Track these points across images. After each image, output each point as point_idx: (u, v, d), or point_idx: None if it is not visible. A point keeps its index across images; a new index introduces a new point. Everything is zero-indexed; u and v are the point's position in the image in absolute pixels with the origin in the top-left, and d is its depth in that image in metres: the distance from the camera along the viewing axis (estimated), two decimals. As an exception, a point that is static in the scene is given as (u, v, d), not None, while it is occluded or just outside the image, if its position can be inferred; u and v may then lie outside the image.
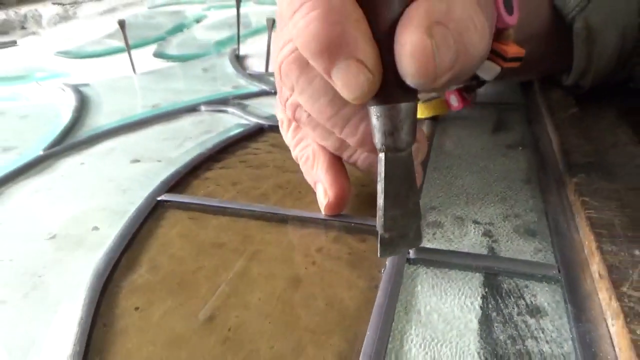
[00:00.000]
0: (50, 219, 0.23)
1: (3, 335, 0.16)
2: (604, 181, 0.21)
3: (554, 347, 0.15)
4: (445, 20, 0.14)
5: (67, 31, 0.66)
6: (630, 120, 0.30)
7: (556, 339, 0.15)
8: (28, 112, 0.36)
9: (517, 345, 0.15)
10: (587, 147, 0.24)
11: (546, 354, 0.15)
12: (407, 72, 0.14)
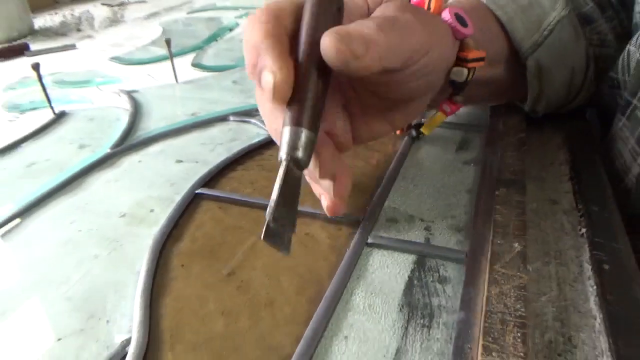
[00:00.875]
0: (120, 202, 0.32)
1: (99, 277, 0.25)
2: (517, 194, 0.28)
3: (448, 301, 0.23)
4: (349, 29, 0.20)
5: (117, 35, 0.76)
6: (573, 142, 0.38)
7: (451, 297, 0.23)
8: (94, 115, 0.45)
9: (425, 300, 0.23)
10: (517, 167, 0.31)
11: (441, 305, 0.23)
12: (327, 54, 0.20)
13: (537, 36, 0.33)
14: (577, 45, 0.35)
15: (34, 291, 0.25)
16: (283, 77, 0.20)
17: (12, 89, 0.54)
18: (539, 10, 0.33)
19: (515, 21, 0.33)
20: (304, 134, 0.20)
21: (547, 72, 0.34)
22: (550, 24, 0.33)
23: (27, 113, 0.47)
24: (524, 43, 0.33)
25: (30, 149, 0.39)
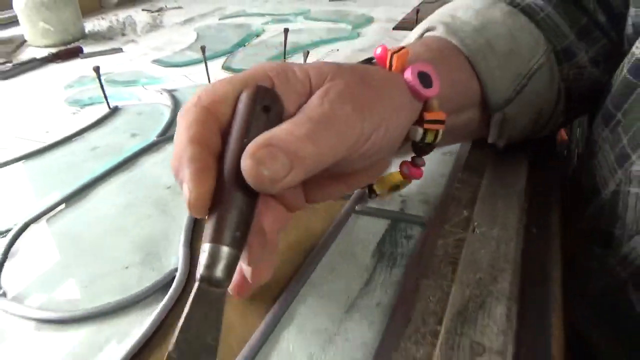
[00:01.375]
0: (166, 179, 0.40)
1: (152, 229, 0.34)
2: (476, 177, 0.36)
3: (410, 251, 0.31)
4: (273, 142, 0.19)
5: (157, 39, 0.86)
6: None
7: (412, 249, 0.31)
8: (142, 110, 0.55)
9: (392, 250, 0.31)
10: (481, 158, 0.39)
11: (404, 253, 0.30)
12: (247, 179, 0.19)
13: (511, 91, 0.32)
14: (550, 91, 0.35)
15: (107, 237, 0.33)
16: (198, 195, 0.19)
17: (70, 87, 0.64)
18: (519, 58, 0.33)
19: (493, 78, 0.32)
20: (224, 252, 0.19)
21: (510, 122, 0.34)
22: (527, 74, 0.33)
23: (86, 108, 0.57)
24: (497, 100, 0.32)
25: (93, 137, 0.49)
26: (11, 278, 0.30)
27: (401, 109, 0.24)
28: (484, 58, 0.32)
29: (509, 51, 0.32)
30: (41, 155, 0.45)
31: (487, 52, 0.32)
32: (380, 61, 0.27)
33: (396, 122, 0.24)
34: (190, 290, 0.28)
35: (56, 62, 0.75)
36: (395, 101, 0.24)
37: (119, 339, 0.25)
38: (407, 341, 0.23)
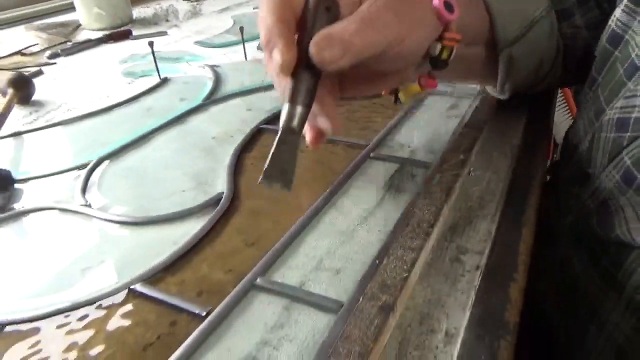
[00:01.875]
0: (211, 131, 0.48)
1: (202, 166, 0.41)
2: (475, 132, 0.42)
3: (414, 186, 0.37)
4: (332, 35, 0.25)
5: (197, 25, 0.94)
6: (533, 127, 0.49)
7: (416, 184, 0.37)
8: (188, 80, 0.62)
9: (399, 184, 0.37)
10: (481, 118, 0.45)
11: (408, 186, 0.37)
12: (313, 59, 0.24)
13: (517, 32, 0.38)
14: (549, 41, 0.40)
15: (167, 170, 0.41)
16: (288, 58, 0.24)
17: (124, 62, 0.72)
18: (524, 7, 0.39)
19: (503, 15, 0.37)
20: (297, 110, 0.25)
21: (516, 63, 0.39)
22: (530, 22, 0.38)
23: (140, 79, 0.65)
24: (505, 37, 0.37)
25: (147, 100, 0.57)
26: (93, 195, 0.38)
27: (427, 25, 0.30)
28: (499, 2, 0.37)
29: (517, 0, 0.38)
30: (106, 112, 0.53)
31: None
32: None
33: (422, 33, 0.30)
34: (233, 208, 0.35)
35: (109, 42, 0.84)
36: (424, 18, 0.30)
37: (177, 240, 0.33)
38: (405, 237, 0.30)
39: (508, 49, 0.38)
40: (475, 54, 0.39)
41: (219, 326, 0.25)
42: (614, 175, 0.34)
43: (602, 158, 0.35)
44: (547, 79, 0.44)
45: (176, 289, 0.28)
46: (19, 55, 0.78)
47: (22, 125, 0.52)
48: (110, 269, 0.30)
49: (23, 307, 0.27)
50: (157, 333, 0.25)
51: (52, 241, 0.33)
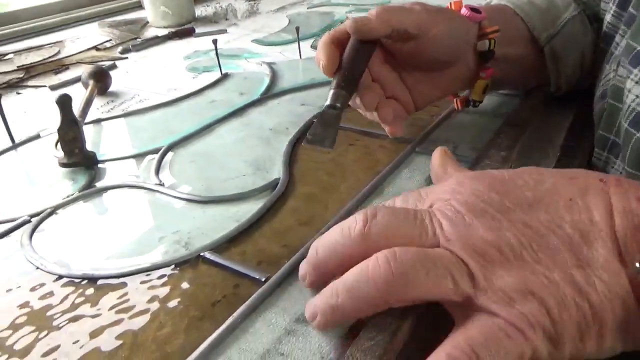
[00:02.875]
0: (268, 123, 0.52)
1: (260, 154, 0.45)
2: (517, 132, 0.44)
3: (455, 179, 0.40)
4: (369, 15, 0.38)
5: (255, 23, 0.99)
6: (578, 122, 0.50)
7: (457, 177, 0.40)
8: (247, 76, 0.67)
9: (441, 177, 0.40)
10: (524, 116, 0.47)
11: (450, 180, 0.40)
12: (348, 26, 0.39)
13: (552, 30, 0.45)
14: (585, 36, 0.46)
15: (229, 157, 0.46)
16: (326, 64, 0.39)
17: (188, 58, 0.78)
18: (555, 11, 0.46)
19: (534, 20, 0.45)
20: (340, 93, 0.37)
21: (561, 56, 0.46)
22: (562, 21, 0.45)
23: (203, 74, 0.70)
24: (541, 35, 0.44)
25: (210, 93, 0.62)
26: (165, 176, 0.43)
27: (454, 20, 0.40)
28: (525, 7, 0.45)
29: (545, 6, 0.45)
30: (174, 104, 0.59)
31: (527, 5, 0.45)
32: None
33: (453, 26, 0.39)
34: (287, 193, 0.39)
35: (174, 39, 0.90)
36: (451, 16, 0.40)
37: (239, 218, 0.37)
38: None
39: (548, 44, 0.45)
40: (520, 54, 0.45)
41: (275, 290, 0.29)
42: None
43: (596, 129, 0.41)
44: (591, 74, 0.47)
45: (239, 258, 0.32)
46: (94, 50, 0.85)
47: (101, 113, 0.58)
48: (182, 239, 0.34)
49: (111, 266, 0.32)
50: (223, 293, 0.29)
51: (131, 213, 0.38)
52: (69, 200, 0.40)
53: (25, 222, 0.37)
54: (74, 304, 0.29)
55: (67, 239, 0.36)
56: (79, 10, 1.12)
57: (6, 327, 0.28)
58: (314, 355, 0.25)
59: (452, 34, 0.40)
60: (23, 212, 0.38)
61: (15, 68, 0.76)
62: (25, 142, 0.51)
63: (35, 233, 0.36)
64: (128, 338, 0.27)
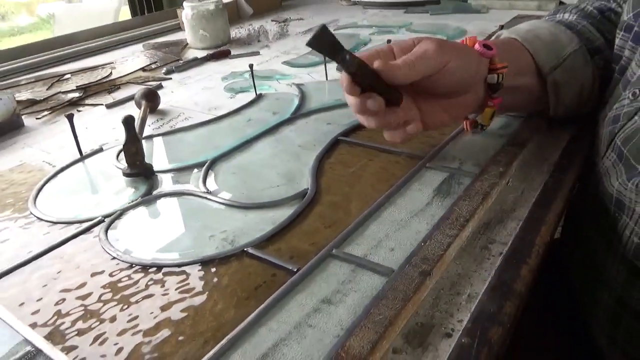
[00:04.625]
0: (298, 140, 0.59)
1: (291, 167, 0.53)
2: (516, 148, 0.50)
3: (459, 190, 0.46)
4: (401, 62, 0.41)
5: (285, 45, 1.07)
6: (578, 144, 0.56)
7: (461, 189, 0.46)
8: (279, 97, 0.75)
9: (447, 189, 0.47)
10: (525, 137, 0.53)
11: (455, 191, 0.46)
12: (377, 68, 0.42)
13: (555, 62, 0.50)
14: (585, 69, 0.52)
15: (264, 169, 0.53)
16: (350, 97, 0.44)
17: (225, 79, 0.87)
18: (558, 45, 0.51)
19: (540, 52, 0.50)
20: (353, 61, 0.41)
21: (562, 87, 0.51)
22: (565, 54, 0.51)
23: (239, 94, 0.78)
24: (545, 67, 0.50)
25: (247, 112, 0.70)
26: (211, 185, 0.51)
27: (467, 56, 0.45)
28: (532, 41, 0.50)
29: (550, 41, 0.51)
30: (215, 122, 0.67)
31: (534, 39, 0.51)
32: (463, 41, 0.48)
33: (465, 62, 0.44)
34: (315, 201, 0.46)
35: (212, 60, 0.99)
36: (465, 52, 0.45)
37: (274, 220, 0.44)
38: (445, 227, 0.39)
39: (551, 75, 0.50)
40: (526, 84, 0.51)
41: (305, 278, 0.36)
42: (612, 156, 0.46)
43: (602, 148, 0.47)
44: (589, 102, 0.54)
45: (275, 253, 0.40)
46: (141, 71, 0.95)
47: (152, 130, 0.67)
48: (228, 237, 0.42)
49: (172, 258, 0.40)
50: (263, 279, 0.37)
51: (185, 216, 0.46)
52: (134, 204, 0.48)
53: (100, 221, 0.45)
54: (146, 286, 0.37)
55: (134, 236, 0.44)
56: (125, 33, 1.23)
57: (95, 301, 0.36)
58: (335, 326, 0.32)
59: (466, 68, 0.44)
60: (97, 213, 0.47)
61: (74, 87, 0.86)
62: (90, 154, 0.60)
63: (109, 230, 0.44)
64: (191, 311, 0.34)
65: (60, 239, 0.43)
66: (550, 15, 0.61)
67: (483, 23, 1.13)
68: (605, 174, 0.47)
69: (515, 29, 0.53)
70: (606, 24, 0.56)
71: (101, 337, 0.33)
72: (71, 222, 0.46)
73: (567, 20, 0.56)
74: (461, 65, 0.44)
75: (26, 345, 0.33)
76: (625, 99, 0.46)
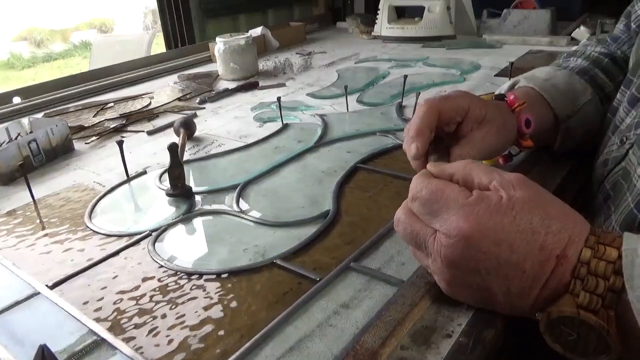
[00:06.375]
0: (321, 167, 0.66)
1: (315, 191, 0.59)
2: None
3: (464, 215, 0.52)
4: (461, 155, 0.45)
5: (309, 77, 1.15)
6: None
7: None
8: (303, 127, 0.82)
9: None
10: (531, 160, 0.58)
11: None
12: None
13: (570, 111, 0.55)
14: (595, 117, 0.57)
15: (291, 192, 0.59)
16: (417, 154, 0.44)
17: (254, 109, 0.94)
18: (573, 94, 0.56)
19: (557, 101, 0.55)
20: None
21: (572, 131, 0.56)
22: (579, 104, 0.56)
23: (267, 123, 0.86)
24: (562, 114, 0.54)
25: (274, 141, 0.77)
26: (243, 205, 0.57)
27: (510, 140, 0.50)
28: (551, 92, 0.55)
29: (566, 90, 0.55)
30: (247, 149, 0.74)
31: (552, 89, 0.55)
32: (510, 103, 0.50)
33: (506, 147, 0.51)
34: (336, 221, 0.51)
35: (241, 91, 1.07)
36: (510, 136, 0.49)
37: (300, 237, 0.50)
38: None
39: (565, 123, 0.55)
40: (544, 137, 0.56)
41: (327, 286, 0.42)
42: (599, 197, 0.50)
43: (594, 188, 0.52)
44: (594, 141, 0.58)
45: (300, 265, 0.45)
46: (177, 100, 1.03)
47: (189, 155, 0.74)
48: (260, 250, 0.48)
49: (211, 267, 0.46)
50: (290, 287, 0.42)
51: (222, 232, 0.52)
52: (177, 221, 0.55)
53: (147, 235, 0.52)
54: (190, 289, 0.43)
55: (178, 248, 0.50)
56: (160, 65, 1.33)
57: (148, 302, 0.42)
58: (351, 326, 0.37)
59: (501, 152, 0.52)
60: (145, 228, 0.53)
61: (118, 115, 0.94)
62: (136, 176, 0.67)
63: (156, 242, 0.51)
64: (229, 311, 0.40)
65: (114, 249, 0.50)
66: (564, 59, 0.65)
67: (496, 58, 1.19)
68: (596, 214, 0.50)
69: (533, 78, 0.57)
70: (612, 69, 0.60)
71: (154, 331, 0.39)
72: (122, 235, 0.53)
73: (580, 66, 0.60)
74: (503, 150, 0.51)
75: (92, 336, 0.39)
76: (614, 145, 0.49)
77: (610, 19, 1.26)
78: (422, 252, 0.37)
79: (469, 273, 0.34)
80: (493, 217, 0.32)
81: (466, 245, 0.32)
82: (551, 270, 0.31)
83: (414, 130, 0.43)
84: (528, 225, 0.32)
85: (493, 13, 1.53)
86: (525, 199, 0.33)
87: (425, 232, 0.36)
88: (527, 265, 0.32)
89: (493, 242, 0.32)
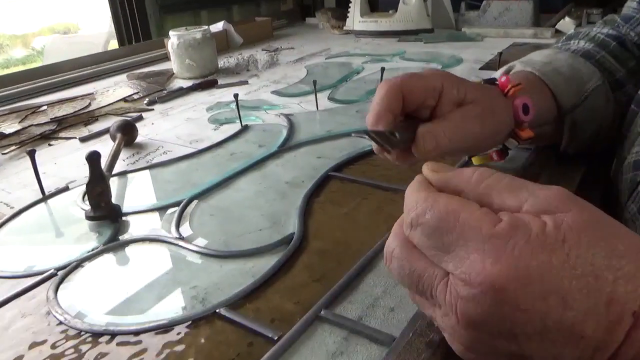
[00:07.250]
0: (285, 176, 0.54)
1: (276, 208, 0.47)
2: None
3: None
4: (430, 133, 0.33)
5: (275, 74, 1.03)
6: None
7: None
8: (266, 128, 0.70)
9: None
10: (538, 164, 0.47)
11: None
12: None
13: (576, 101, 0.45)
14: (606, 108, 0.47)
15: (247, 210, 0.47)
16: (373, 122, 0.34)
17: (210, 109, 0.82)
18: (579, 80, 0.46)
19: (560, 88, 0.45)
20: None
21: (580, 126, 0.46)
22: (586, 92, 0.45)
23: (224, 125, 0.73)
24: (566, 105, 0.45)
25: (231, 146, 0.64)
26: (185, 229, 0.45)
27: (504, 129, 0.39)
28: (552, 77, 0.45)
29: (571, 75, 0.45)
30: (196, 156, 0.61)
31: (554, 74, 0.45)
32: (502, 86, 0.40)
33: (500, 136, 0.40)
34: (302, 248, 0.40)
35: (198, 90, 0.94)
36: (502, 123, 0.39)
37: (255, 273, 0.38)
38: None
39: (570, 114, 0.45)
40: (546, 131, 0.46)
41: (287, 350, 0.30)
42: (633, 208, 0.38)
43: (622, 197, 0.39)
44: (605, 141, 0.49)
45: (253, 314, 0.33)
46: (122, 101, 0.90)
47: (126, 165, 0.61)
48: (199, 294, 0.36)
49: (131, 321, 0.34)
50: (237, 351, 0.30)
51: (152, 267, 0.40)
52: (94, 254, 0.42)
53: (52, 275, 0.39)
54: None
55: (90, 293, 0.37)
56: (110, 63, 1.18)
57: (30, 382, 0.29)
58: (323, 418, 0.25)
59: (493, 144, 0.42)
60: (50, 265, 0.40)
61: (49, 120, 0.80)
62: (54, 194, 0.54)
63: (61, 286, 0.38)
64: (144, 396, 0.28)
65: (1, 299, 0.37)
66: (563, 43, 0.56)
67: (478, 51, 1.10)
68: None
69: (531, 61, 0.48)
70: (621, 53, 0.50)
71: None
72: (17, 277, 0.39)
73: (584, 48, 0.50)
74: (495, 140, 0.40)
75: None
76: None
77: (597, 9, 1.18)
78: (427, 301, 0.25)
79: (499, 337, 0.22)
80: (536, 256, 0.21)
81: (496, 299, 0.21)
82: (625, 334, 0.20)
83: (372, 116, 0.34)
84: (589, 267, 0.20)
85: (472, 5, 1.44)
86: (581, 226, 0.21)
87: (433, 274, 0.24)
88: (588, 327, 0.20)
89: (538, 294, 0.20)
